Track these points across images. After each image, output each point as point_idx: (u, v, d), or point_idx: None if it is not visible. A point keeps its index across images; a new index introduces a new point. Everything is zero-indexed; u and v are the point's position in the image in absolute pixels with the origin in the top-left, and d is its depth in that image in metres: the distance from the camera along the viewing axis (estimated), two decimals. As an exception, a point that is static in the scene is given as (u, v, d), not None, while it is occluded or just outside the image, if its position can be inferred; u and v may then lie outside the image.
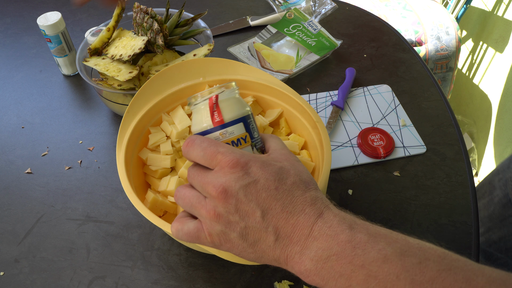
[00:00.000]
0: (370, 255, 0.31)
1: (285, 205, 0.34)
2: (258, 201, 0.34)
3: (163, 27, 0.68)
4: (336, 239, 0.32)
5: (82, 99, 0.77)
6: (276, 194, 0.34)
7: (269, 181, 0.35)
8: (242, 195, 0.34)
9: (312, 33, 0.84)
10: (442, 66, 1.42)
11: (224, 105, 0.39)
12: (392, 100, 0.75)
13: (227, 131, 0.39)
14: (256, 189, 0.34)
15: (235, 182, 0.34)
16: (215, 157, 0.35)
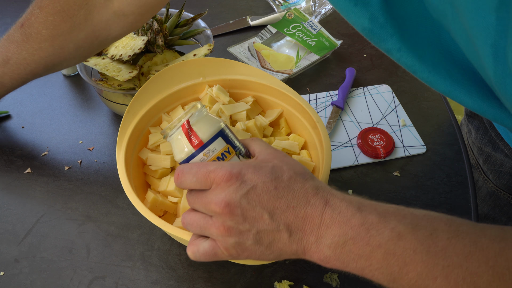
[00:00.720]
0: (385, 234, 0.33)
1: (288, 201, 0.35)
2: (262, 204, 0.35)
3: (163, 27, 0.68)
4: (349, 224, 0.34)
5: (82, 99, 0.77)
6: (277, 193, 0.35)
7: (267, 183, 0.35)
8: (245, 203, 0.35)
9: (312, 33, 0.84)
10: (442, 66, 1.42)
11: (198, 127, 0.40)
12: (392, 100, 0.75)
13: (209, 150, 0.39)
14: (256, 193, 0.35)
15: (235, 194, 0.35)
16: (208, 177, 0.36)
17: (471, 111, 0.73)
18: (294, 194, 0.36)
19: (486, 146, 0.71)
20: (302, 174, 0.37)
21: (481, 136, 0.72)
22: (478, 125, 0.72)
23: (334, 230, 0.34)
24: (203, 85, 0.59)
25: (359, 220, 0.34)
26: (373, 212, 0.35)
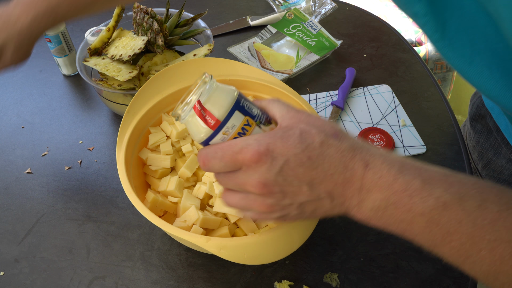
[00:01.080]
0: (429, 203, 0.32)
1: (325, 169, 0.34)
2: (299, 177, 0.34)
3: (163, 27, 0.68)
4: (391, 189, 0.33)
5: (82, 99, 0.77)
6: (311, 164, 0.34)
7: (298, 154, 0.34)
8: (281, 180, 0.34)
9: (312, 33, 0.84)
10: (442, 66, 1.42)
11: (210, 104, 0.36)
12: (392, 100, 0.75)
13: (228, 127, 0.36)
14: (290, 168, 0.34)
15: (269, 173, 0.34)
16: (236, 160, 0.34)
17: (476, 114, 0.73)
18: (330, 161, 0.34)
19: (488, 151, 0.71)
20: (334, 135, 0.35)
21: (483, 141, 0.71)
22: (481, 129, 0.72)
23: (376, 194, 0.33)
24: (203, 85, 0.58)
25: (402, 185, 0.32)
26: (418, 177, 0.33)
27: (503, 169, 0.69)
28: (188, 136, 0.57)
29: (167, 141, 0.55)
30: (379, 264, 0.53)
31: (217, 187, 0.50)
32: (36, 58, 0.86)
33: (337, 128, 0.36)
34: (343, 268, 0.52)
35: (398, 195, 0.32)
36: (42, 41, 0.90)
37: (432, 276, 0.51)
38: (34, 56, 0.87)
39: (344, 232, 0.56)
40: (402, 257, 0.53)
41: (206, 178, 0.53)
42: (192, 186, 0.54)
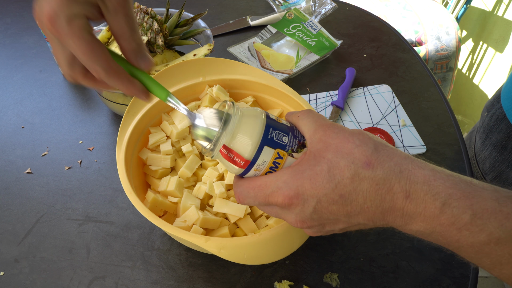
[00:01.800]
0: (480, 238, 0.30)
1: (360, 203, 0.32)
2: (334, 213, 0.34)
3: (163, 27, 0.68)
4: (437, 221, 0.31)
5: (82, 99, 0.77)
6: (344, 201, 0.33)
7: (328, 194, 0.33)
8: (317, 217, 0.34)
9: (312, 33, 0.84)
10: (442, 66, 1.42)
11: (237, 145, 0.35)
12: (392, 100, 0.75)
13: (259, 165, 0.35)
14: (323, 207, 0.33)
15: (303, 213, 0.34)
16: (269, 201, 0.35)
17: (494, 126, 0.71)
18: (364, 195, 0.32)
19: (501, 163, 0.70)
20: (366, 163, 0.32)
21: (496, 154, 0.70)
22: (495, 142, 0.71)
23: (419, 223, 0.32)
24: (203, 85, 0.58)
25: (449, 219, 0.30)
26: (467, 211, 0.30)
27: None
28: (188, 136, 0.57)
29: (167, 141, 0.55)
30: (379, 264, 0.53)
31: (217, 187, 0.50)
32: (36, 58, 0.86)
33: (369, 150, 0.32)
34: (343, 268, 0.52)
35: (445, 227, 0.31)
36: (42, 41, 0.90)
37: (432, 276, 0.51)
38: (34, 56, 0.87)
39: (344, 232, 0.56)
40: (402, 257, 0.53)
41: (206, 178, 0.53)
42: (192, 186, 0.54)
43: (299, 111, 0.38)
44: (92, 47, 0.31)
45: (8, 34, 0.93)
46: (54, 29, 0.30)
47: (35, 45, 0.90)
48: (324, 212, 0.33)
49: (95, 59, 0.31)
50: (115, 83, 0.33)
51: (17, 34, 0.93)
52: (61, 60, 0.33)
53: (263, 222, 0.50)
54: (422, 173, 0.31)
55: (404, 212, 0.32)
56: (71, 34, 0.30)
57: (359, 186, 0.32)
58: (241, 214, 0.49)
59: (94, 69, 0.32)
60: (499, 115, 0.71)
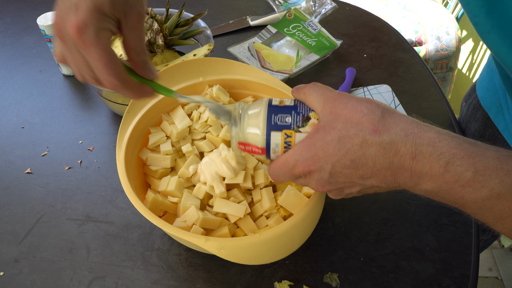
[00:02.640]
0: (482, 193, 0.32)
1: (370, 167, 0.35)
2: (348, 176, 0.36)
3: (163, 27, 0.68)
4: (442, 179, 0.33)
5: (82, 99, 0.77)
6: (356, 165, 0.35)
7: (340, 160, 0.36)
8: (334, 181, 0.37)
9: (312, 33, 0.84)
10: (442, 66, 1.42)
11: (249, 139, 0.40)
12: (392, 100, 0.75)
13: (274, 148, 0.40)
14: (338, 171, 0.36)
15: (322, 179, 0.37)
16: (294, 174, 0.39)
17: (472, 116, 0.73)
18: (374, 159, 0.35)
19: None
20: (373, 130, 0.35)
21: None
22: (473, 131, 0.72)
23: (427, 183, 0.34)
24: (203, 85, 0.58)
25: (453, 176, 0.33)
26: (470, 168, 0.32)
27: None
28: (188, 136, 0.57)
29: (167, 141, 0.55)
30: (379, 264, 0.53)
31: (217, 187, 0.50)
32: (36, 58, 0.86)
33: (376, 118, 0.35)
34: (343, 268, 0.52)
35: (449, 185, 0.33)
36: (42, 41, 0.90)
37: (432, 276, 0.51)
38: (34, 56, 0.87)
39: (344, 232, 0.56)
40: (402, 257, 0.53)
41: (206, 178, 0.53)
42: (192, 186, 0.54)
43: (305, 86, 0.41)
44: (112, 60, 0.34)
45: (8, 34, 0.94)
46: (80, 39, 0.33)
47: (35, 45, 0.90)
48: (340, 176, 0.36)
49: (113, 72, 0.35)
50: (127, 94, 0.37)
51: (17, 34, 0.93)
52: (74, 67, 0.37)
53: (263, 222, 0.50)
54: (428, 136, 0.34)
55: (412, 172, 0.34)
56: (96, 45, 0.33)
57: (368, 151, 0.34)
58: (241, 214, 0.49)
59: (110, 80, 0.35)
60: (475, 104, 0.72)
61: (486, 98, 0.68)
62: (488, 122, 0.69)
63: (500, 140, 0.67)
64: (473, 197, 0.32)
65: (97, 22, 0.33)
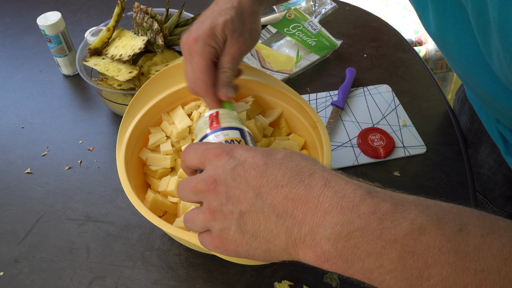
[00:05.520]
0: (403, 226, 0.26)
1: (278, 179, 0.30)
2: (248, 181, 0.30)
3: (163, 27, 0.68)
4: (356, 211, 0.27)
5: (82, 99, 0.77)
6: (265, 170, 0.30)
7: (256, 157, 0.31)
8: (230, 179, 0.31)
9: (312, 33, 0.84)
10: (442, 66, 1.42)
11: (223, 118, 0.42)
12: (392, 100, 0.75)
13: (222, 133, 0.40)
14: (244, 169, 0.31)
15: (222, 168, 0.32)
16: (204, 153, 0.34)
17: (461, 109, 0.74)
18: (285, 172, 0.30)
19: (469, 147, 0.72)
20: (303, 156, 0.32)
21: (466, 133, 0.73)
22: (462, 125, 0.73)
23: (335, 217, 0.27)
24: (203, 85, 0.58)
25: (370, 207, 0.27)
26: (388, 200, 0.28)
27: (483, 163, 0.69)
28: (188, 136, 0.57)
29: (167, 141, 0.55)
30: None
31: None
32: (36, 58, 0.86)
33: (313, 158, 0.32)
34: (343, 268, 0.52)
35: (364, 219, 0.27)
36: (42, 41, 0.90)
37: (432, 276, 0.51)
38: (34, 56, 0.87)
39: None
40: (402, 257, 0.53)
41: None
42: (192, 186, 0.54)
43: None
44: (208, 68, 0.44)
45: (8, 34, 0.93)
46: (192, 47, 0.43)
47: (35, 45, 0.90)
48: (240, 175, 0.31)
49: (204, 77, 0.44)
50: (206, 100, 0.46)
51: (17, 34, 0.93)
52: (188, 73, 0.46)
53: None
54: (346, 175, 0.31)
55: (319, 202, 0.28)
56: (200, 54, 0.43)
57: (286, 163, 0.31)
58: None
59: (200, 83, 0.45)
60: (463, 97, 0.73)
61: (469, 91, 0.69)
62: (474, 116, 0.70)
63: (486, 134, 0.67)
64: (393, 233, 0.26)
65: (207, 39, 0.43)
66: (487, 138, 0.67)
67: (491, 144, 0.67)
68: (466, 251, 0.25)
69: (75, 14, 0.98)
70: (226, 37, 0.44)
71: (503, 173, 0.67)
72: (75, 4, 1.01)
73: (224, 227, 0.31)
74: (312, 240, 0.28)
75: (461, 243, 0.26)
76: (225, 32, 0.44)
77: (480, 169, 0.71)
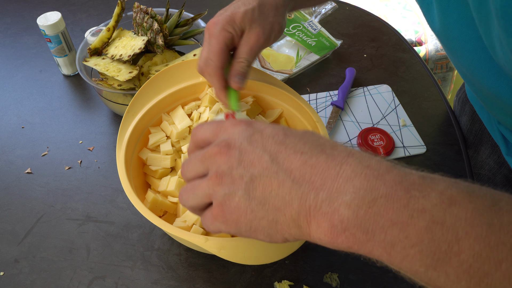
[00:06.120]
0: (431, 197, 0.24)
1: (297, 148, 0.28)
2: (265, 146, 0.28)
3: (163, 27, 0.68)
4: (381, 179, 0.25)
5: (82, 99, 0.77)
6: (285, 139, 0.28)
7: (277, 129, 0.29)
8: (246, 144, 0.29)
9: (312, 33, 0.84)
10: (442, 66, 1.42)
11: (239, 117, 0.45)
12: (392, 100, 0.75)
13: None
14: (262, 136, 0.29)
15: (239, 135, 0.29)
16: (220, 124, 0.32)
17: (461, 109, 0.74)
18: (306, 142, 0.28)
19: (469, 147, 0.72)
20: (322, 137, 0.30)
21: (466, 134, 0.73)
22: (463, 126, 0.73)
23: (359, 182, 0.25)
24: (203, 85, 0.58)
25: (396, 176, 0.25)
26: (414, 173, 0.26)
27: (484, 164, 0.69)
28: (188, 136, 0.57)
29: (167, 141, 0.55)
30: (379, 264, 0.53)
31: None
32: (36, 58, 0.86)
33: None
34: (343, 268, 0.52)
35: (390, 187, 0.25)
36: (42, 41, 0.90)
37: (432, 276, 0.51)
38: (34, 56, 0.87)
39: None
40: (402, 257, 0.53)
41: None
42: (192, 186, 0.54)
43: None
44: (221, 51, 0.45)
45: (8, 34, 0.94)
46: (210, 30, 0.45)
47: (35, 45, 0.90)
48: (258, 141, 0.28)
49: (217, 58, 0.44)
50: (213, 82, 0.46)
51: (17, 34, 0.93)
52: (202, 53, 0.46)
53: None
54: None
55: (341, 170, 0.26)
56: (216, 37, 0.44)
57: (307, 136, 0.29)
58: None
59: (212, 64, 0.45)
60: (464, 98, 0.73)
61: (471, 91, 0.68)
62: (475, 116, 0.70)
63: (486, 135, 0.67)
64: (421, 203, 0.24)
65: (225, 24, 0.44)
66: (488, 139, 0.67)
67: (491, 145, 0.67)
68: (500, 225, 0.23)
69: (75, 14, 0.98)
70: (245, 26, 0.45)
71: (503, 174, 0.67)
72: (75, 4, 1.01)
73: (229, 192, 0.28)
74: (329, 206, 0.25)
75: (495, 217, 0.24)
76: (244, 21, 0.45)
77: (480, 170, 0.71)
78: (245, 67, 0.46)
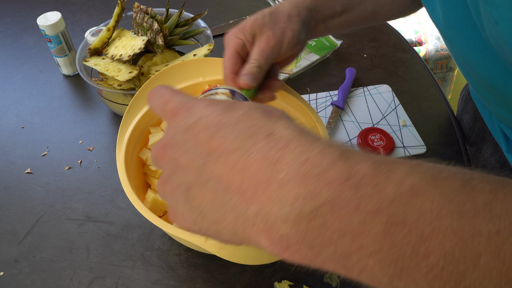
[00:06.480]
0: (387, 191, 0.20)
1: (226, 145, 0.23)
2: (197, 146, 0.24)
3: (163, 27, 0.68)
4: (322, 179, 0.20)
5: (82, 99, 0.77)
6: (217, 131, 0.23)
7: (213, 115, 0.24)
8: (181, 142, 0.25)
9: (312, 33, 0.84)
10: (442, 66, 1.42)
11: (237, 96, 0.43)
12: (392, 100, 0.75)
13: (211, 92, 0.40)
14: (196, 130, 0.24)
15: (175, 130, 0.25)
16: (164, 107, 0.27)
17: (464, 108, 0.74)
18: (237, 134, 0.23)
19: (471, 146, 0.72)
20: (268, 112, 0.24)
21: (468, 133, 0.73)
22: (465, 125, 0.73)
23: (294, 190, 0.20)
24: (203, 85, 0.58)
25: (342, 172, 0.20)
26: (366, 161, 0.21)
27: (486, 163, 0.69)
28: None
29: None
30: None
31: None
32: (36, 58, 0.86)
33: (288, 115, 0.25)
34: (343, 268, 0.52)
35: (335, 188, 0.20)
36: (42, 41, 0.90)
37: (432, 276, 0.51)
38: (34, 56, 0.87)
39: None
40: (402, 257, 0.53)
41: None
42: (192, 186, 0.54)
43: None
44: (233, 56, 0.47)
45: (8, 34, 0.94)
46: (225, 40, 0.48)
47: (35, 45, 0.90)
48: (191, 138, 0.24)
49: (229, 63, 0.47)
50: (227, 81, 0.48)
51: (17, 34, 0.93)
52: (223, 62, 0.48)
53: None
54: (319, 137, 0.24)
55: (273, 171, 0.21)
56: (228, 45, 0.47)
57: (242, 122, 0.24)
58: None
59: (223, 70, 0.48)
60: (467, 96, 0.73)
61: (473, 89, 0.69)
62: (477, 115, 0.70)
63: (488, 134, 0.67)
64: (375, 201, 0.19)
65: (236, 32, 0.47)
66: (490, 138, 0.67)
67: (493, 144, 0.67)
68: (474, 210, 0.19)
69: (75, 14, 0.98)
70: (256, 31, 0.48)
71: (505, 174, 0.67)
72: (75, 4, 1.01)
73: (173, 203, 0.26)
74: (264, 222, 0.21)
75: (467, 201, 0.19)
76: (254, 27, 0.48)
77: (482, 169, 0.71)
78: (254, 67, 0.47)
